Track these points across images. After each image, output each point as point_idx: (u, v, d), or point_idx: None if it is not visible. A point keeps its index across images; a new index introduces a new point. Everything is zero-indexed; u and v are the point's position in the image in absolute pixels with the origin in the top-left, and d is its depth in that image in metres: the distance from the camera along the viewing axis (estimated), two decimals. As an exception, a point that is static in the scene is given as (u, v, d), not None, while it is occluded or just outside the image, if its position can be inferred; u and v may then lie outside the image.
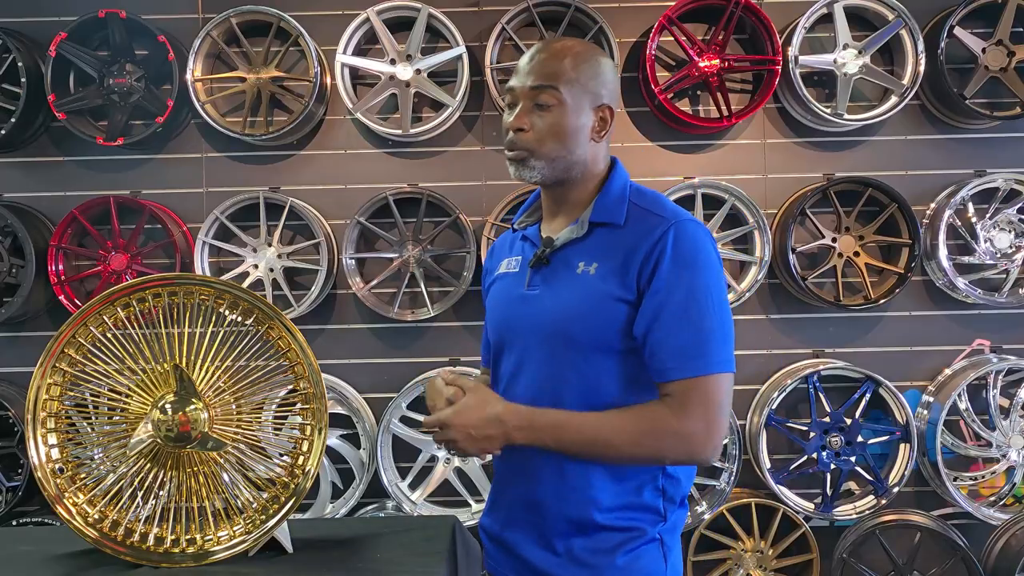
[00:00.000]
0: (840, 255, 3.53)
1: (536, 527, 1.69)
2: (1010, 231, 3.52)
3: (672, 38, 3.49)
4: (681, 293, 1.56)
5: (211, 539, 1.85)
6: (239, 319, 1.86)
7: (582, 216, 1.69)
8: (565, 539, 1.65)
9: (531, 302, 1.70)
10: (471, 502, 3.53)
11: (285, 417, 2.06)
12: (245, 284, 3.46)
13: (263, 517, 1.86)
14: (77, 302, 3.49)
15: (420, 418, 3.46)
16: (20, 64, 3.43)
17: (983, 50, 3.49)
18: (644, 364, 1.60)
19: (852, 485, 3.57)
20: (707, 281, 1.58)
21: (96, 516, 1.85)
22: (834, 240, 3.53)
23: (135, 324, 1.86)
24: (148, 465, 1.84)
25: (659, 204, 1.68)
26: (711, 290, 1.58)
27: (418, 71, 3.47)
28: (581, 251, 1.67)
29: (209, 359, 1.84)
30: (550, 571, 1.66)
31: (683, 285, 1.56)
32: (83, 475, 1.89)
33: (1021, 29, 3.56)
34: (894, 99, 3.48)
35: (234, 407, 1.86)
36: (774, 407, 3.45)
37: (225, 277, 3.51)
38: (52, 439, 1.87)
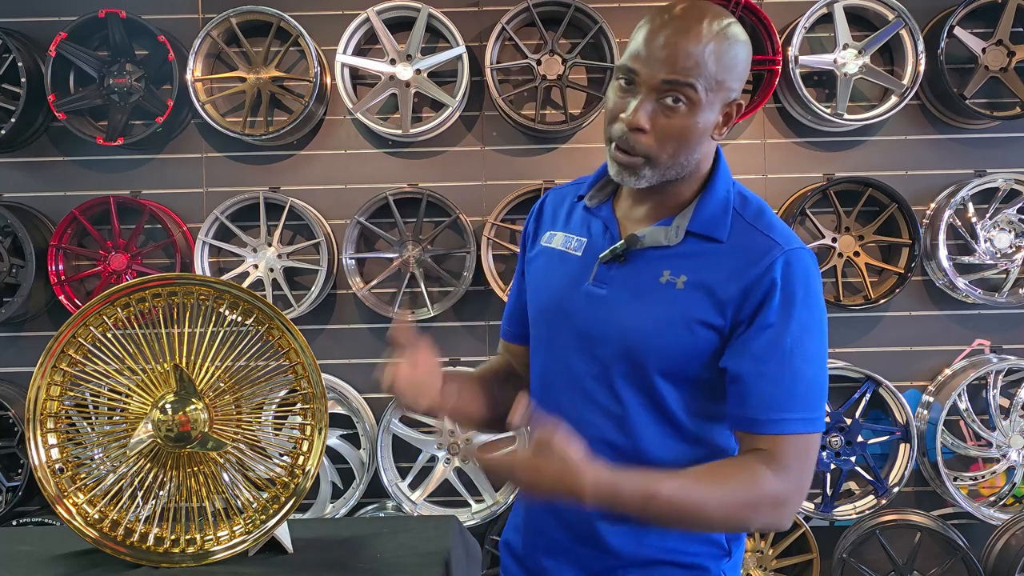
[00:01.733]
0: (840, 255, 3.53)
1: (580, 558, 1.50)
2: (1010, 231, 3.52)
3: (672, 38, 3.48)
4: (790, 337, 1.36)
5: (211, 539, 1.85)
6: (239, 319, 1.86)
7: (677, 220, 1.44)
8: (615, 574, 1.48)
9: (597, 304, 1.46)
10: (471, 502, 3.52)
11: (285, 417, 2.06)
12: (245, 284, 3.46)
13: (263, 517, 1.86)
14: (77, 302, 3.49)
15: (420, 418, 3.46)
16: (20, 64, 3.43)
17: (983, 50, 3.49)
18: (716, 398, 1.42)
19: (852, 485, 3.57)
20: (817, 325, 1.40)
21: (96, 516, 1.85)
22: (834, 240, 3.53)
23: (135, 324, 1.86)
24: (148, 465, 1.84)
25: (768, 222, 1.45)
26: (820, 336, 1.40)
27: (418, 71, 3.47)
28: (668, 258, 1.43)
29: (209, 359, 1.84)
30: None
31: (793, 328, 1.36)
32: (83, 475, 1.89)
33: (1021, 29, 3.56)
34: (894, 99, 3.47)
35: (234, 407, 1.86)
36: (774, 407, 3.44)
37: (225, 277, 3.50)
38: (52, 439, 1.87)
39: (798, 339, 1.37)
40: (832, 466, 3.44)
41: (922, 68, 3.42)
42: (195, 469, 1.85)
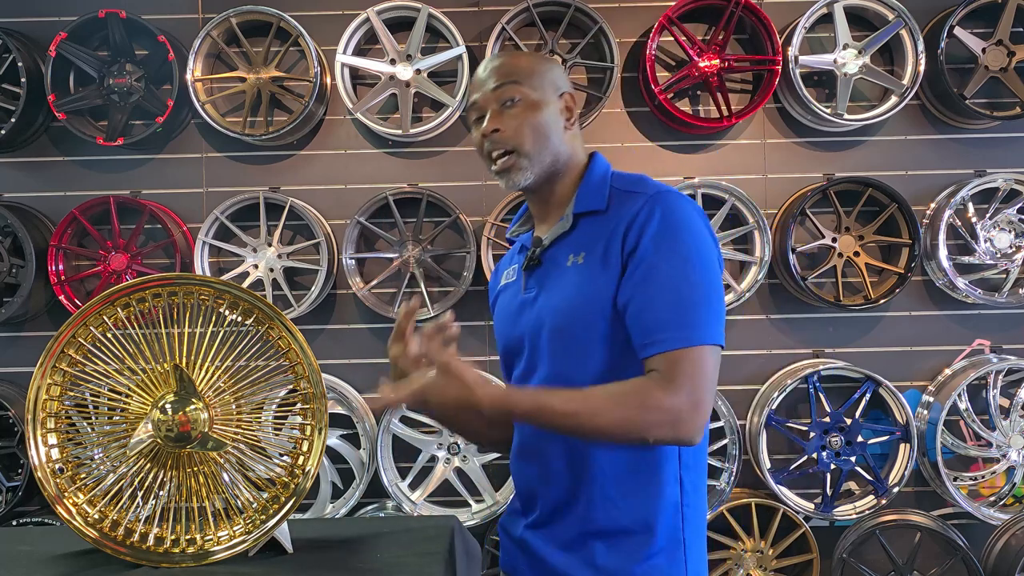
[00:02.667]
0: (840, 255, 3.53)
1: (556, 529, 1.66)
2: (1010, 231, 3.52)
3: (672, 38, 3.49)
4: (666, 262, 1.52)
5: (211, 539, 1.86)
6: (239, 319, 1.87)
7: (567, 210, 1.68)
8: (584, 541, 1.62)
9: (528, 305, 1.68)
10: (471, 502, 3.53)
11: (285, 417, 2.06)
12: (245, 284, 3.46)
13: (263, 517, 1.86)
14: (77, 302, 3.49)
15: (420, 418, 3.47)
16: (20, 64, 3.44)
17: (983, 50, 3.49)
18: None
19: (852, 485, 3.57)
20: (694, 249, 1.54)
21: (96, 516, 1.85)
22: (834, 240, 3.54)
23: (135, 324, 1.86)
24: (148, 465, 1.84)
25: (641, 183, 1.65)
26: (699, 258, 1.54)
27: (418, 71, 3.47)
28: (569, 244, 1.65)
29: (209, 359, 1.84)
30: (569, 573, 1.63)
31: (668, 253, 1.53)
32: (83, 475, 1.89)
33: (1021, 29, 3.56)
34: (894, 99, 3.48)
35: (234, 407, 1.86)
36: (774, 407, 3.45)
37: (225, 277, 3.50)
38: (52, 439, 1.87)
39: (676, 263, 1.52)
40: (832, 466, 3.44)
41: (922, 68, 3.42)
42: (195, 469, 1.85)
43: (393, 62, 3.48)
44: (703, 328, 1.50)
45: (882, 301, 3.47)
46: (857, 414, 3.46)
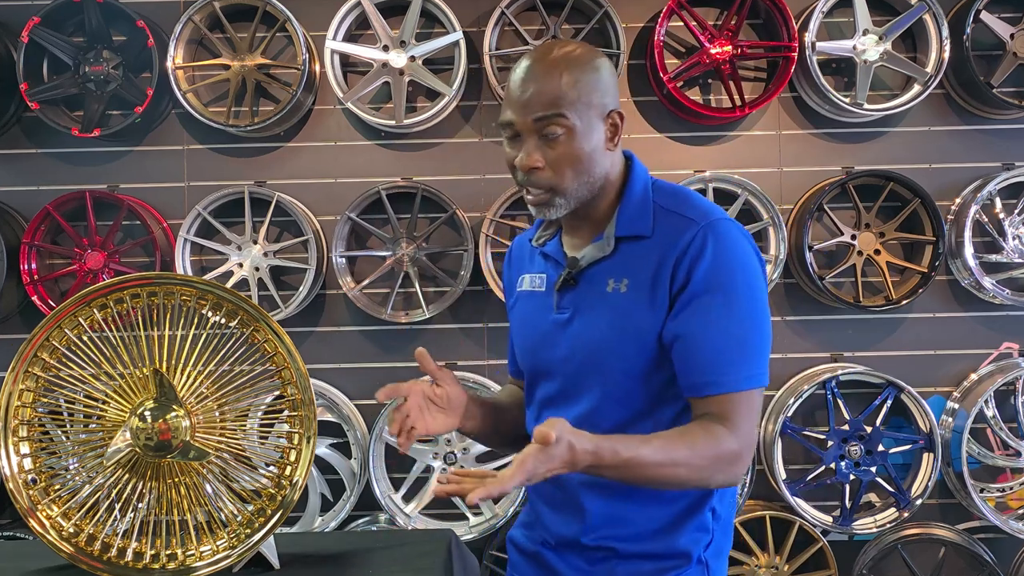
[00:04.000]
0: (860, 253, 3.54)
1: (577, 547, 1.68)
2: (1040, 228, 3.52)
3: (682, 23, 3.49)
4: (720, 300, 1.54)
5: (193, 554, 1.86)
6: (223, 321, 1.87)
7: (607, 231, 1.65)
8: (607, 562, 1.65)
9: (561, 328, 1.68)
10: (469, 515, 3.53)
11: (271, 425, 2.06)
12: (229, 284, 3.46)
13: (248, 531, 1.86)
14: (51, 303, 3.49)
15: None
16: (-10, 51, 3.44)
17: (1011, 36, 3.49)
18: (670, 380, 1.59)
19: (872, 497, 3.57)
20: (748, 285, 1.57)
21: (71, 530, 1.85)
22: (853, 237, 3.54)
23: (112, 326, 1.86)
24: (126, 476, 1.84)
25: (687, 203, 1.64)
26: (752, 295, 1.58)
27: (412, 58, 3.48)
28: (609, 268, 1.64)
29: (191, 363, 1.84)
30: None
31: (721, 291, 1.55)
32: (57, 486, 1.89)
33: (1052, 14, 3.57)
34: (917, 88, 3.48)
35: (217, 414, 1.86)
36: (790, 414, 3.45)
37: (208, 276, 3.51)
38: (25, 448, 1.87)
39: (726, 303, 1.55)
40: (851, 477, 3.45)
41: (946, 55, 3.42)
42: (176, 480, 1.85)
43: (386, 48, 3.48)
44: (756, 369, 1.57)
45: (904, 302, 3.47)
46: (878, 422, 3.46)
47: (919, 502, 3.43)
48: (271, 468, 1.90)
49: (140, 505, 1.84)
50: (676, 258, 1.56)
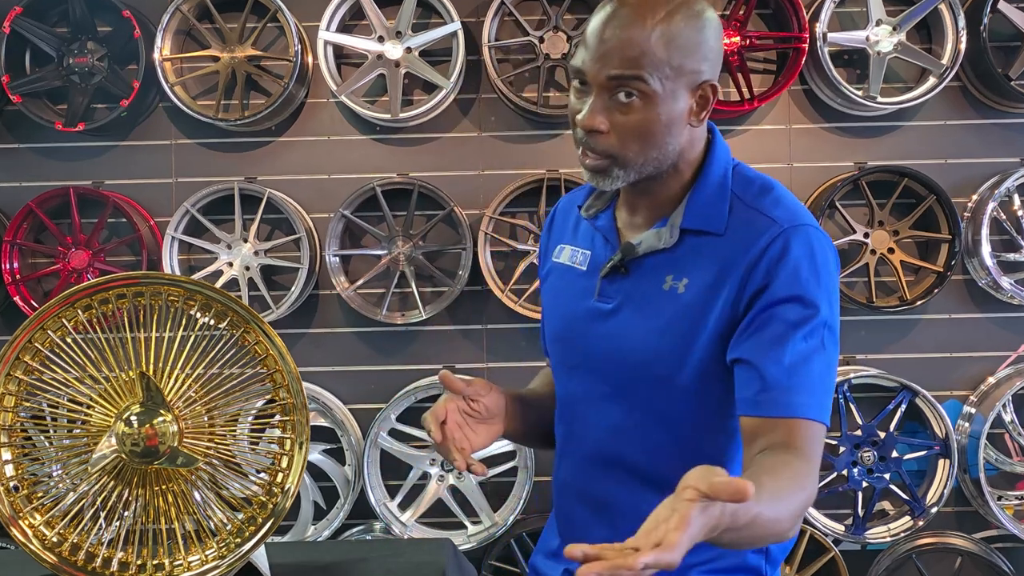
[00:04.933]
0: (873, 252, 3.54)
1: None
2: (1060, 225, 3.52)
3: (688, 13, 3.49)
4: (799, 318, 1.37)
5: (181, 564, 1.86)
6: (212, 322, 1.87)
7: (672, 218, 1.47)
8: None
9: (602, 319, 1.52)
10: (467, 523, 3.53)
11: (262, 430, 2.07)
12: (218, 284, 3.47)
13: (238, 540, 1.86)
14: (34, 304, 3.49)
15: (411, 431, 3.47)
16: (-29, 42, 3.44)
17: (1030, 26, 3.50)
18: (724, 405, 1.44)
19: (886, 505, 3.58)
20: (828, 303, 1.40)
21: (55, 539, 1.85)
22: (866, 235, 3.54)
23: (97, 328, 1.87)
24: (112, 483, 1.84)
25: (773, 201, 1.47)
26: (831, 316, 1.41)
27: (408, 49, 3.48)
28: (668, 262, 1.47)
29: (179, 366, 1.85)
30: None
31: (800, 305, 1.38)
32: (40, 494, 1.89)
33: (1072, 3, 3.57)
34: (932, 80, 3.48)
35: (206, 419, 1.86)
36: (800, 419, 3.44)
37: (196, 276, 3.51)
38: (6, 454, 1.88)
39: (806, 322, 1.38)
40: (864, 484, 3.45)
41: (963, 46, 3.43)
42: (163, 487, 1.85)
43: (381, 39, 3.48)
44: (825, 403, 1.40)
45: (919, 303, 3.47)
46: (892, 427, 3.46)
47: (934, 510, 3.43)
48: (262, 475, 1.90)
49: (126, 513, 1.84)
50: (749, 263, 1.40)
